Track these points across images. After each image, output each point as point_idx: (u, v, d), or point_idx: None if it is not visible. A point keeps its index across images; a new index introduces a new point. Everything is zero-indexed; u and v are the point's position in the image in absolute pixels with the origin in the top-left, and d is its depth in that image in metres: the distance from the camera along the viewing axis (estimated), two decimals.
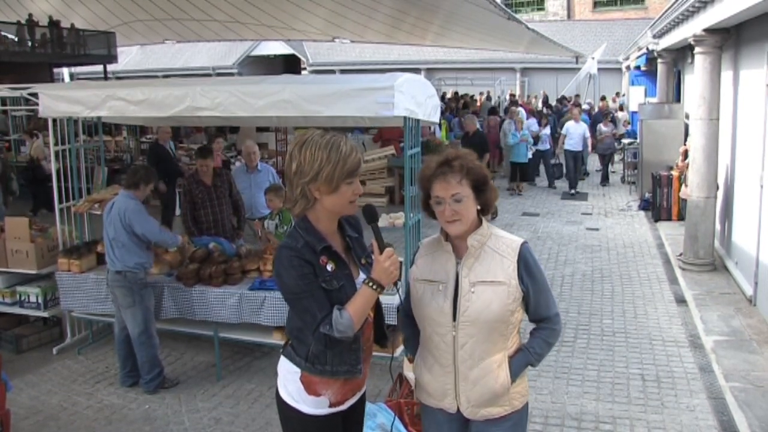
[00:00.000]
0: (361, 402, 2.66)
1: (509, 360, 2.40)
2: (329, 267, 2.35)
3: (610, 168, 14.83)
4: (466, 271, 2.36)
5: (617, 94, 23.77)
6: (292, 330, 2.47)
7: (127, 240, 4.79)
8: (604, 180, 14.53)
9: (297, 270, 2.28)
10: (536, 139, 13.98)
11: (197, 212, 6.10)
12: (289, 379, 2.44)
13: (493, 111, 17.06)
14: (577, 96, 22.18)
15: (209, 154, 6.25)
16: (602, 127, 14.55)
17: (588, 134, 13.57)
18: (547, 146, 14.04)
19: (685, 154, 9.77)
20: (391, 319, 4.25)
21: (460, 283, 2.36)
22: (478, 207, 2.37)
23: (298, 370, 2.41)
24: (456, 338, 2.36)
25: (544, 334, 2.45)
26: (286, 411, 2.48)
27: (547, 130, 14.12)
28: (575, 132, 13.24)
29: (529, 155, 13.33)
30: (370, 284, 2.29)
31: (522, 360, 2.42)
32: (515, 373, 2.39)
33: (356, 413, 2.64)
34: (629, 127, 16.54)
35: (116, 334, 5.08)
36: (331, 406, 2.44)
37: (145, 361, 4.93)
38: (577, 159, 13.35)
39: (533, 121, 14.64)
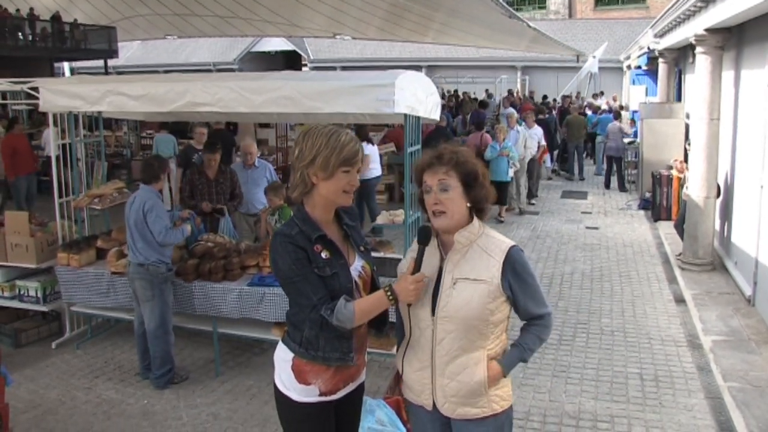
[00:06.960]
0: (358, 393, 2.68)
1: (502, 355, 2.43)
2: (323, 255, 2.41)
3: (626, 173, 13.52)
4: (450, 267, 2.38)
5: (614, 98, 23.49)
6: (288, 316, 2.54)
7: (148, 234, 4.80)
8: (620, 185, 13.41)
9: (290, 255, 2.36)
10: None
11: (193, 201, 6.32)
12: (282, 366, 2.51)
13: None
14: (579, 95, 22.00)
15: (217, 149, 6.49)
16: (615, 125, 13.55)
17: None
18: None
19: (686, 155, 9.73)
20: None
21: (442, 279, 2.38)
22: (468, 204, 2.37)
23: (290, 359, 2.47)
24: (434, 333, 2.38)
25: (535, 330, 2.47)
26: (279, 398, 2.55)
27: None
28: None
29: (511, 174, 10.56)
30: (388, 292, 2.35)
31: (515, 355, 2.45)
32: (508, 367, 2.42)
33: (352, 404, 2.65)
34: (635, 127, 16.39)
35: (135, 328, 5.09)
36: (321, 395, 2.48)
37: (157, 357, 4.92)
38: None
39: (538, 130, 12.14)
